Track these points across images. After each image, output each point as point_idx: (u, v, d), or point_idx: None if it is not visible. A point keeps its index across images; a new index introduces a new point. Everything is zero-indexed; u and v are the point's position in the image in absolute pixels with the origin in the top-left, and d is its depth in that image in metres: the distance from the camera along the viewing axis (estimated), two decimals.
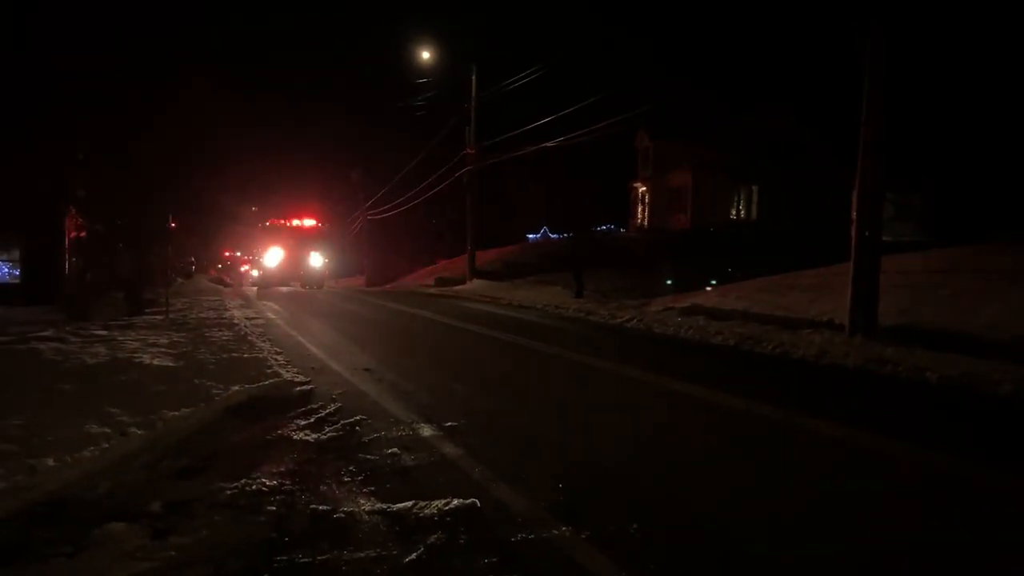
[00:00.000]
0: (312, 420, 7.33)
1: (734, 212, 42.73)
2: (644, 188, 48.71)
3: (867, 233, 12.62)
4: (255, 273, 45.15)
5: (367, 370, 10.38)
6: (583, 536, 4.42)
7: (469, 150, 34.70)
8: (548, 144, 27.99)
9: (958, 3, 20.38)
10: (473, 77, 34.71)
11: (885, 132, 12.56)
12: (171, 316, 17.16)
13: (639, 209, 49.75)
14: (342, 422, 7.20)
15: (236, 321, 16.58)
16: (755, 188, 41.93)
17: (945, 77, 22.64)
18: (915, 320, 12.59)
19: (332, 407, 7.90)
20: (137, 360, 10.21)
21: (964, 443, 6.77)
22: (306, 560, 4.13)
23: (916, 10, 14.28)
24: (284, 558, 4.15)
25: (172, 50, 17.33)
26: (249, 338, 13.41)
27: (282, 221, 39.41)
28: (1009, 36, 20.28)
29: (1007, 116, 21.55)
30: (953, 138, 23.08)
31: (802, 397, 8.99)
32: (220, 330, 14.47)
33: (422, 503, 4.86)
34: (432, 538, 4.36)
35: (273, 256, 36.88)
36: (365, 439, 6.64)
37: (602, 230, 47.77)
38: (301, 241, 37.46)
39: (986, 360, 10.03)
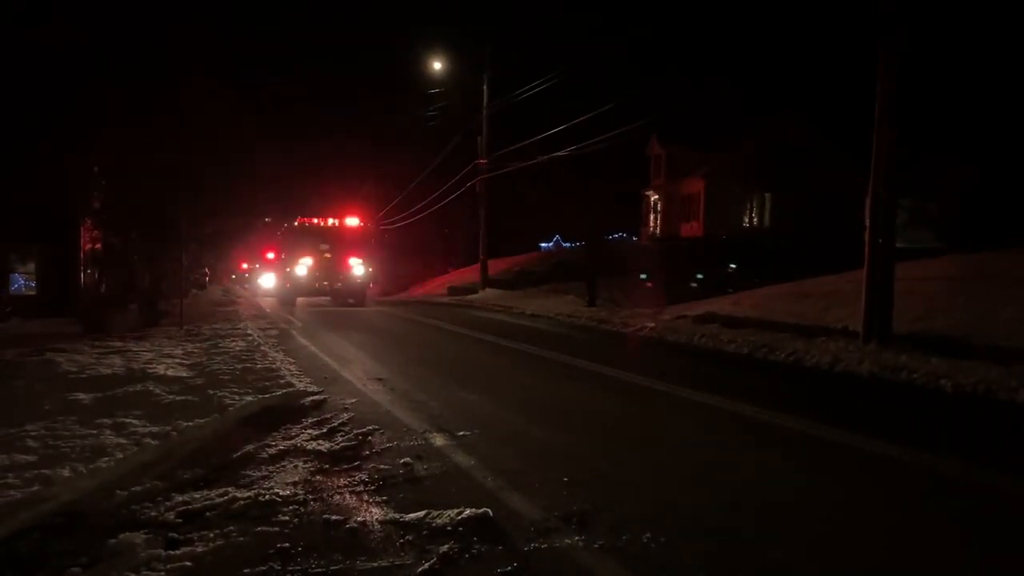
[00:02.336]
0: (325, 430, 7.34)
1: (747, 220, 42.63)
2: (656, 196, 48.69)
3: (880, 240, 12.58)
4: (267, 283, 43.40)
5: (379, 380, 10.40)
6: (596, 545, 4.41)
7: (481, 160, 34.79)
8: (560, 153, 28.02)
9: (973, 13, 20.37)
10: (484, 87, 34.83)
11: (898, 140, 12.53)
12: (185, 327, 17.24)
13: (651, 217, 49.72)
14: (355, 432, 7.21)
15: (249, 332, 16.64)
16: (768, 195, 41.83)
17: (961, 83, 22.59)
18: (930, 327, 12.52)
19: (345, 417, 7.92)
20: (152, 371, 10.26)
21: (984, 451, 6.75)
22: (319, 570, 4.13)
23: (932, 15, 14.28)
24: (297, 568, 4.16)
25: (188, 64, 17.45)
26: (262, 348, 13.45)
27: (314, 220, 30.52)
28: None
29: None
30: (969, 143, 22.96)
31: (815, 405, 8.96)
32: (234, 341, 14.52)
33: (435, 513, 4.86)
34: (445, 547, 4.36)
35: (301, 263, 29.10)
36: (377, 449, 6.65)
37: (614, 238, 47.73)
38: (338, 245, 29.45)
39: (1002, 367, 9.95)
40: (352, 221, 30.84)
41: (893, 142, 12.48)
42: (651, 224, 49.59)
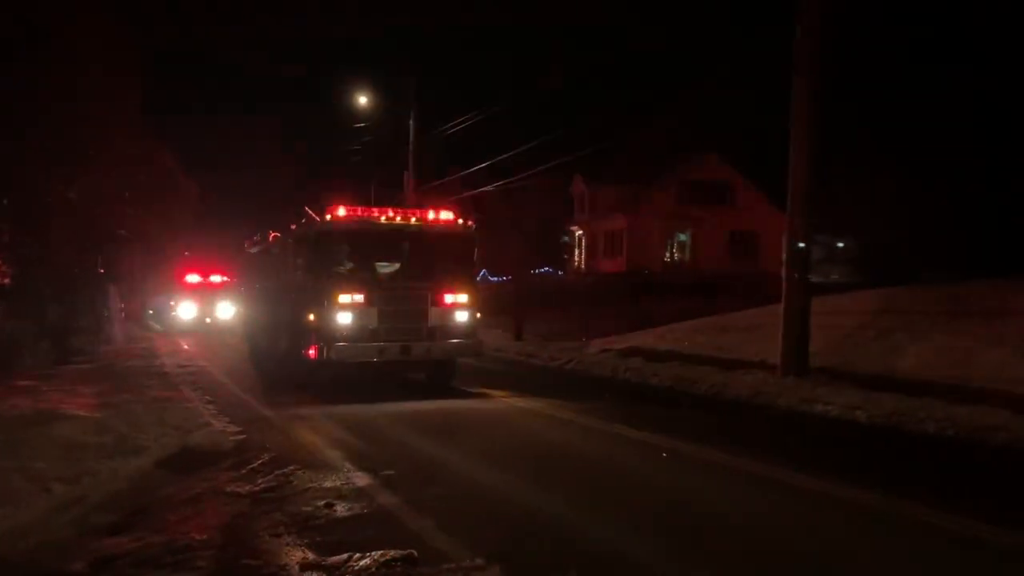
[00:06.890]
0: (244, 471, 7.17)
1: (668, 255, 43.51)
2: (581, 232, 49.27)
3: (796, 275, 12.89)
4: (187, 313, 37.92)
5: (301, 418, 10.22)
6: None
7: (409, 191, 34.61)
8: (485, 189, 28.25)
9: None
10: (411, 122, 34.76)
11: (813, 179, 12.91)
12: (100, 364, 16.67)
13: (576, 252, 50.27)
14: (275, 472, 7.05)
15: (166, 369, 16.18)
16: (688, 232, 42.82)
17: (875, 123, 23.52)
18: (845, 360, 12.89)
19: (265, 456, 7.74)
20: (62, 411, 9.85)
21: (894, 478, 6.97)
22: None
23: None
24: None
25: (104, 93, 17.07)
26: (180, 387, 13.10)
27: (373, 214, 13.51)
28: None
29: (935, 163, 22.41)
30: (883, 182, 23.79)
31: (731, 435, 9.11)
32: (150, 379, 14.09)
33: (358, 555, 4.77)
34: None
35: (350, 300, 12.66)
36: (299, 489, 6.51)
37: (540, 272, 48.03)
38: (414, 264, 13.24)
39: (911, 398, 10.28)
40: (444, 217, 14.04)
41: (808, 181, 12.86)
42: (576, 259, 50.12)
